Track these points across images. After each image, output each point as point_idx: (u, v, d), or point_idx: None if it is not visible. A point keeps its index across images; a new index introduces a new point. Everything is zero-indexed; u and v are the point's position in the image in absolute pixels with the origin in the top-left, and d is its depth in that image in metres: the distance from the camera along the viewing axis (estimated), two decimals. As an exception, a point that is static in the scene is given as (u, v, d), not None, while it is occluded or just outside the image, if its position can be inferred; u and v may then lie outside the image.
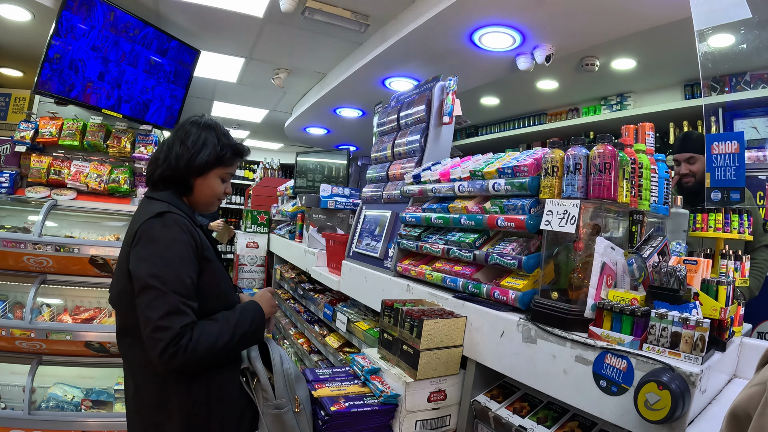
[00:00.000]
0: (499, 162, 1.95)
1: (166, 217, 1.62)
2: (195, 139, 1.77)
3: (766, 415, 0.75)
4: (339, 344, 3.18)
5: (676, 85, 5.05)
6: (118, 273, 1.69)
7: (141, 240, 1.59)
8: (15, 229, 3.78)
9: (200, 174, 1.79)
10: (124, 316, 1.67)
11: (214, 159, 1.78)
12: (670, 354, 1.21)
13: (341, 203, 3.92)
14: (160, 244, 1.58)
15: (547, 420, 1.56)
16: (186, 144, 1.76)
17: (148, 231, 1.60)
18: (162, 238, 1.59)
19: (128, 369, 1.72)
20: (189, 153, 1.75)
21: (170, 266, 1.56)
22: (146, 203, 1.74)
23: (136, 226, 1.63)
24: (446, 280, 2.03)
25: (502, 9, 3.64)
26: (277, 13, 4.31)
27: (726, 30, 1.93)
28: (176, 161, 1.74)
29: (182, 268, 1.58)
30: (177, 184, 1.77)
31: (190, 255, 1.61)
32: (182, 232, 1.62)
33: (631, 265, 1.48)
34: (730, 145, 1.81)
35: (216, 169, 1.81)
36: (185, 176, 1.77)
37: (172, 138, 1.81)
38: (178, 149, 1.75)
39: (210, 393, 1.66)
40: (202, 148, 1.76)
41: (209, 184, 1.82)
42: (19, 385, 3.60)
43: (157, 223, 1.61)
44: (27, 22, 4.61)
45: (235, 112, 8.31)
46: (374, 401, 1.72)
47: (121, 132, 4.45)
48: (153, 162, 1.80)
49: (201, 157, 1.76)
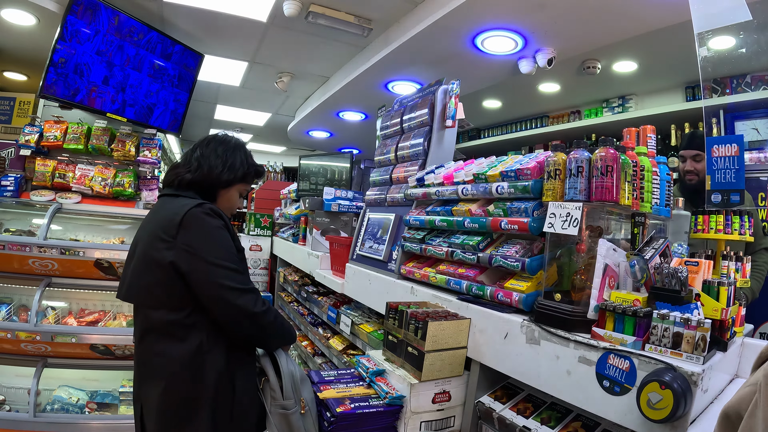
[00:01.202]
0: (502, 165, 1.97)
1: (205, 207, 1.75)
2: (229, 155, 1.95)
3: (755, 415, 0.76)
4: (343, 346, 3.20)
5: (677, 87, 5.06)
6: (144, 267, 1.74)
7: (191, 227, 1.70)
8: (20, 232, 3.81)
9: (226, 186, 1.95)
10: (152, 311, 1.72)
11: (241, 176, 1.97)
12: (672, 354, 1.22)
13: (344, 206, 3.94)
14: (212, 230, 1.72)
15: (551, 420, 1.57)
16: (221, 158, 1.92)
17: (196, 218, 1.71)
18: (211, 223, 1.73)
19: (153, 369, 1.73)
20: (223, 167, 1.91)
21: (226, 248, 1.74)
22: (173, 199, 1.83)
23: (176, 216, 1.70)
24: (450, 283, 2.05)
25: (504, 13, 3.67)
26: (281, 18, 4.33)
27: (725, 33, 1.95)
28: (209, 171, 1.89)
29: (233, 251, 1.77)
30: (202, 191, 1.89)
31: (232, 242, 1.79)
32: (223, 221, 1.77)
33: (633, 267, 1.50)
34: (729, 148, 1.82)
35: (239, 184, 2.00)
36: (213, 186, 1.92)
37: (202, 150, 1.94)
38: (213, 161, 1.90)
39: (236, 385, 1.74)
40: (233, 164, 1.94)
41: (230, 196, 1.99)
42: (25, 387, 3.61)
43: (201, 211, 1.73)
44: (32, 26, 4.64)
45: (238, 115, 8.34)
46: (379, 402, 1.74)
47: (125, 136, 4.48)
48: (183, 165, 1.92)
49: (231, 172, 1.93)
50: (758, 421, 0.75)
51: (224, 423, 1.72)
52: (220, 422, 1.71)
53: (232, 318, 1.69)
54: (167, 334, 1.70)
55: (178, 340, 1.68)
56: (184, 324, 1.69)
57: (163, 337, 1.70)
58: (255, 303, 1.70)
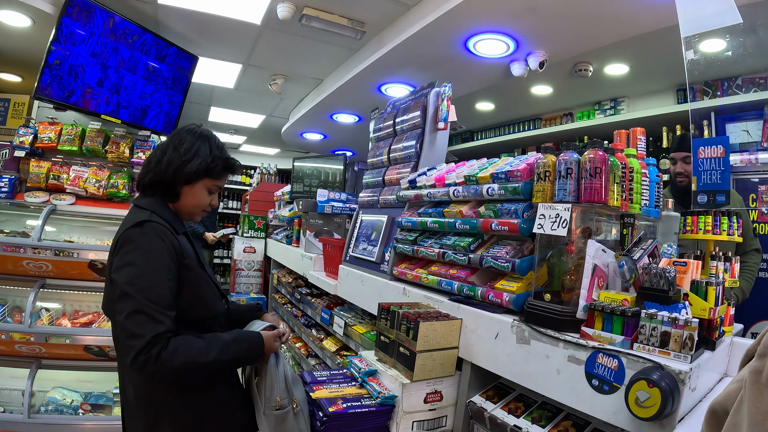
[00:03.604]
0: (493, 167, 1.99)
1: (145, 226, 1.64)
2: (188, 147, 1.79)
3: (740, 411, 0.78)
4: (336, 348, 3.21)
5: (669, 89, 5.11)
6: (106, 281, 1.71)
7: (121, 248, 1.62)
8: (14, 233, 3.80)
9: (188, 182, 1.81)
10: (114, 322, 1.69)
11: (203, 169, 1.80)
12: (660, 353, 1.24)
13: (338, 208, 3.95)
14: (138, 252, 1.60)
15: (542, 419, 1.59)
16: (179, 151, 1.78)
17: (127, 239, 1.63)
18: (140, 246, 1.61)
19: (125, 374, 1.74)
20: (180, 160, 1.77)
21: (146, 274, 1.57)
22: (133, 211, 1.77)
23: (118, 234, 1.67)
24: (442, 283, 2.06)
25: (496, 17, 3.69)
26: (275, 20, 4.35)
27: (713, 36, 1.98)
28: (166, 167, 1.77)
29: (159, 277, 1.59)
30: (164, 190, 1.80)
31: (168, 263, 1.63)
32: (160, 240, 1.64)
33: (622, 267, 1.52)
34: (716, 149, 1.85)
35: (204, 179, 1.84)
36: (173, 183, 1.79)
37: (166, 144, 1.84)
38: (170, 155, 1.78)
39: (204, 400, 1.71)
40: (193, 157, 1.78)
41: (195, 193, 1.84)
42: (19, 389, 3.61)
43: (136, 232, 1.63)
44: (27, 27, 4.63)
45: (232, 117, 8.33)
46: (372, 402, 1.74)
47: (119, 137, 4.48)
48: (145, 165, 1.83)
49: (191, 165, 1.78)
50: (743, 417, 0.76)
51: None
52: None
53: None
54: None
55: None
56: None
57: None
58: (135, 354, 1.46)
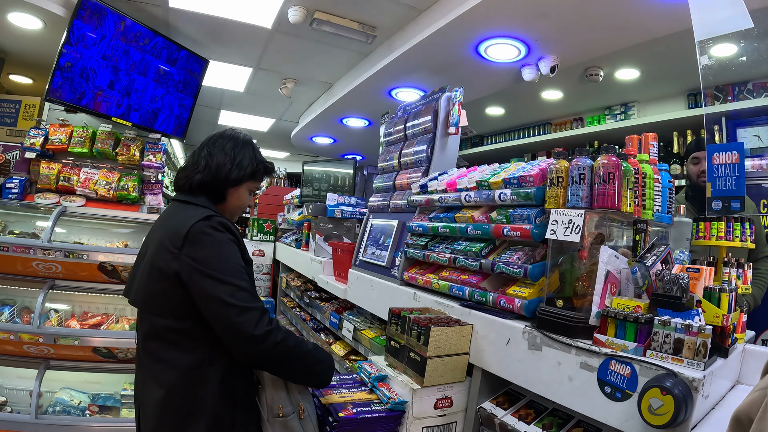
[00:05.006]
0: (505, 172, 1.98)
1: (212, 220, 1.69)
2: (237, 152, 1.88)
3: (765, 419, 0.77)
4: (345, 352, 3.20)
5: (680, 94, 5.08)
6: (150, 274, 1.70)
7: (195, 240, 1.64)
8: (24, 234, 3.82)
9: (235, 185, 1.89)
10: (157, 318, 1.68)
11: (250, 173, 1.91)
12: (673, 360, 1.23)
13: (347, 212, 3.95)
14: (217, 245, 1.66)
15: (553, 426, 1.58)
16: (229, 155, 1.86)
17: (201, 232, 1.65)
18: (216, 238, 1.66)
19: (154, 374, 1.70)
20: (231, 164, 1.85)
21: (230, 262, 1.65)
22: (184, 207, 1.79)
23: (183, 228, 1.65)
24: (453, 289, 2.05)
25: (508, 22, 3.69)
26: (286, 24, 4.37)
27: (726, 41, 1.96)
28: (217, 170, 1.83)
29: (240, 266, 1.67)
30: (212, 192, 1.85)
31: (239, 256, 1.71)
32: (231, 234, 1.71)
33: (635, 274, 1.51)
34: (730, 155, 1.83)
35: (248, 182, 1.93)
36: (222, 185, 1.86)
37: (209, 148, 1.89)
38: (220, 159, 1.85)
39: (237, 399, 1.69)
40: (242, 161, 1.88)
41: (240, 195, 1.93)
42: (27, 389, 3.63)
43: (207, 224, 1.67)
44: (38, 30, 4.68)
45: (242, 121, 8.38)
46: (381, 408, 1.74)
47: (130, 140, 4.50)
48: (192, 167, 1.86)
49: (240, 169, 1.87)
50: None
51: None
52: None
53: (230, 338, 1.58)
54: (170, 343, 1.66)
55: (180, 350, 1.65)
56: (188, 334, 1.65)
57: (166, 344, 1.67)
58: (256, 324, 1.55)
